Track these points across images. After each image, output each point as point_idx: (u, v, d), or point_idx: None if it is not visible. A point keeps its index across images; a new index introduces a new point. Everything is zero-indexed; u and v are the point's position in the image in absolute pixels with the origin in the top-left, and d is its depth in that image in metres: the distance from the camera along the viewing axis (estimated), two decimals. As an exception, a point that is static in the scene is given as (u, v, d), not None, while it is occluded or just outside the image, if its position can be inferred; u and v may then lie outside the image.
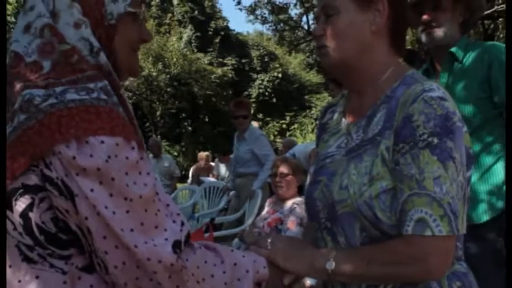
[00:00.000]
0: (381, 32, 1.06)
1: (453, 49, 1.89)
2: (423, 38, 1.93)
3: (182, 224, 0.87)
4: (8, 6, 11.06)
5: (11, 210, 0.80)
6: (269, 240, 1.08)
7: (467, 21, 1.96)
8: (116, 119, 0.81)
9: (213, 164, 8.62)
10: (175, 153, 15.88)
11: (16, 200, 0.80)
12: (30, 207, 0.80)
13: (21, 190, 0.79)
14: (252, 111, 5.13)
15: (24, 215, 0.80)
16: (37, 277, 0.81)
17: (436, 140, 0.93)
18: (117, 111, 0.83)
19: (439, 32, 1.88)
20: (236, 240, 3.39)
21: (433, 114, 0.94)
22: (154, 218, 0.82)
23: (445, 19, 1.87)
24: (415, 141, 0.94)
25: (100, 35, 0.90)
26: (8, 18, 10.76)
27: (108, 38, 0.91)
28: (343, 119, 1.16)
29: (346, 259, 1.00)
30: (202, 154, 9.04)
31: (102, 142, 0.77)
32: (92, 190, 0.76)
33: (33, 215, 0.80)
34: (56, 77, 0.82)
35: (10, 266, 0.81)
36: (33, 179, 0.79)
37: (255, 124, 5.71)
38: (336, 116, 1.21)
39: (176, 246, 0.83)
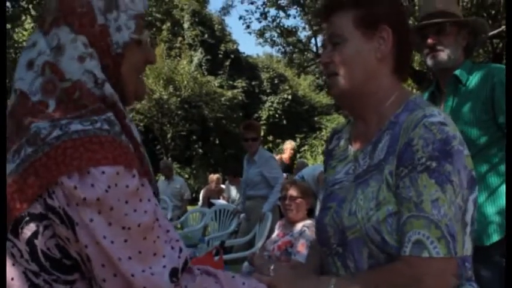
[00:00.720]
0: (386, 59, 1.10)
1: (457, 72, 1.91)
2: (428, 61, 1.95)
3: (181, 250, 0.87)
4: (24, 32, 11.32)
5: (18, 238, 0.82)
6: (272, 267, 1.11)
7: (471, 44, 1.98)
8: (118, 148, 0.83)
9: (223, 186, 8.62)
10: (186, 176, 15.90)
11: (22, 228, 0.82)
12: (35, 234, 0.82)
13: (27, 218, 0.81)
14: (262, 133, 5.17)
15: (30, 242, 0.82)
16: None
17: (434, 164, 0.95)
18: (119, 140, 0.84)
19: (443, 56, 1.90)
20: (246, 263, 3.37)
21: (432, 139, 0.97)
22: (153, 245, 0.83)
23: (448, 43, 1.91)
24: (413, 165, 0.97)
25: (107, 64, 0.91)
26: (24, 44, 10.99)
27: (115, 67, 0.93)
28: (350, 146, 1.19)
29: (346, 285, 1.01)
30: (213, 176, 9.06)
31: (103, 172, 0.79)
32: (91, 220, 0.78)
33: (38, 242, 0.82)
34: (60, 115, 0.84)
35: None
36: (37, 208, 0.81)
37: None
38: (342, 142, 1.24)
39: (173, 274, 0.83)
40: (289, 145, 7.68)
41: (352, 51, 1.08)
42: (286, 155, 7.33)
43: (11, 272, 0.83)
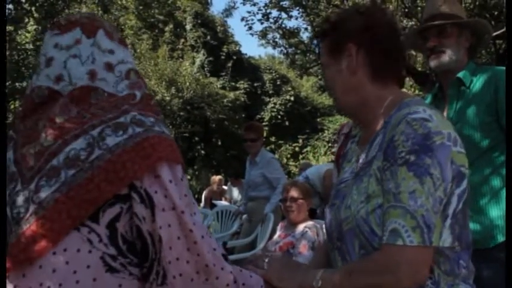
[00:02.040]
0: (359, 72, 1.18)
1: (460, 74, 1.90)
2: (430, 63, 1.95)
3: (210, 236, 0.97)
4: (27, 34, 11.35)
5: (98, 222, 0.85)
6: (266, 260, 1.17)
7: (474, 46, 1.98)
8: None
9: (225, 187, 8.62)
10: (189, 177, 15.92)
11: (104, 211, 0.85)
12: (117, 217, 0.86)
13: (112, 200, 0.86)
14: (265, 135, 5.17)
15: (111, 225, 0.86)
16: (120, 285, 0.87)
17: (413, 157, 1.00)
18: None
19: (444, 57, 1.90)
20: (247, 260, 3.37)
21: (412, 134, 1.01)
22: (207, 230, 0.94)
23: (450, 44, 1.90)
24: (394, 159, 1.02)
25: None
26: (27, 45, 11.02)
27: None
28: (357, 147, 1.27)
29: (331, 275, 1.07)
30: (215, 178, 9.07)
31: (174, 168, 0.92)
32: (179, 198, 0.88)
33: (119, 225, 0.87)
34: (142, 109, 0.95)
35: (94, 280, 0.85)
36: (124, 189, 0.86)
37: None
38: (353, 145, 1.32)
39: (225, 258, 0.96)
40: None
41: (330, 76, 1.23)
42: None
43: (87, 259, 0.85)
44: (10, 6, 7.02)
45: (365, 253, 1.07)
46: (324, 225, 3.08)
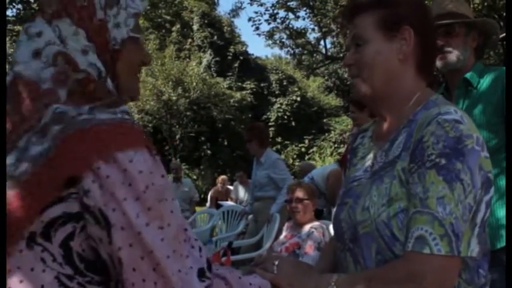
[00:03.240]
0: (408, 60, 1.09)
1: (468, 75, 1.89)
2: (437, 63, 1.94)
3: (200, 249, 0.86)
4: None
5: (50, 241, 0.78)
6: (275, 264, 1.09)
7: (481, 46, 1.96)
8: (145, 135, 0.82)
9: (231, 187, 8.63)
10: (195, 177, 15.95)
11: (56, 230, 0.78)
12: (71, 236, 0.79)
13: (63, 219, 0.78)
14: (271, 135, 5.15)
15: (64, 244, 0.79)
16: None
17: (443, 161, 0.94)
18: (142, 130, 0.83)
19: (451, 57, 1.89)
20: (254, 262, 3.38)
21: (443, 137, 0.95)
22: (179, 246, 0.82)
23: (457, 44, 1.89)
24: (423, 161, 0.96)
25: (105, 60, 0.90)
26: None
27: (112, 63, 0.92)
28: (371, 144, 1.20)
29: (348, 281, 1.01)
30: (220, 178, 9.09)
31: (141, 172, 0.77)
32: (130, 221, 0.76)
33: (73, 244, 0.79)
34: (74, 106, 0.82)
35: None
36: (74, 207, 0.78)
37: None
38: (365, 140, 1.25)
39: (201, 275, 0.82)
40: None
41: (373, 53, 1.09)
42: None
43: (41, 278, 0.78)
44: (19, 6, 7.07)
45: (382, 259, 1.01)
46: (330, 226, 3.08)
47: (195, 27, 19.81)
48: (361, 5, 1.12)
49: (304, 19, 15.41)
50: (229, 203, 7.48)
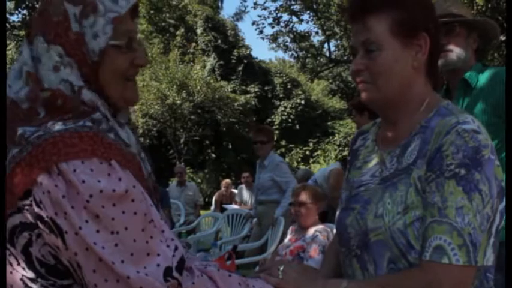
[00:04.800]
0: (421, 67, 1.07)
1: (467, 75, 1.90)
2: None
3: (176, 248, 0.87)
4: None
5: (14, 246, 0.84)
6: (281, 269, 1.08)
7: (482, 48, 1.97)
8: (98, 142, 0.83)
9: (235, 190, 8.62)
10: (199, 180, 15.96)
11: (17, 237, 0.83)
12: (29, 243, 0.83)
13: (20, 228, 0.83)
14: (275, 138, 5.17)
15: (25, 250, 0.84)
16: None
17: (463, 171, 0.94)
18: (101, 135, 0.85)
19: (452, 56, 1.89)
20: (258, 268, 3.37)
21: (463, 146, 0.95)
22: (146, 246, 0.83)
23: (457, 44, 1.89)
24: (441, 170, 0.96)
25: (86, 72, 0.91)
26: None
27: (93, 74, 0.92)
28: (376, 148, 1.17)
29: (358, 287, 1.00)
30: (224, 181, 9.10)
31: (84, 182, 0.80)
32: (80, 228, 0.79)
33: (33, 250, 0.83)
34: (48, 120, 0.86)
35: None
36: (28, 218, 0.82)
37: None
38: (367, 143, 1.22)
39: (167, 273, 0.83)
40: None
41: (389, 61, 1.03)
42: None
43: (9, 279, 0.85)
44: (24, 11, 7.12)
45: (394, 267, 1.00)
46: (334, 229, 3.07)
47: (199, 31, 19.86)
48: (373, 3, 1.05)
49: (307, 22, 15.47)
50: (234, 206, 7.47)
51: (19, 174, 0.81)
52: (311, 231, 3.05)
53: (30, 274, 0.84)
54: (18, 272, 0.85)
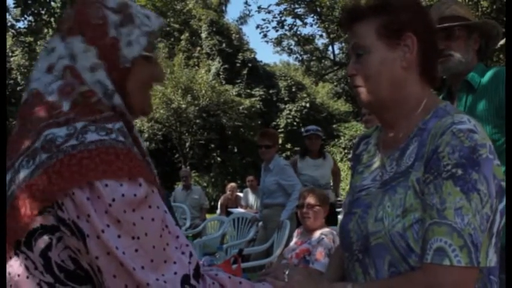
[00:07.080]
0: (411, 66, 1.07)
1: (469, 76, 1.88)
2: (438, 67, 1.93)
3: (191, 255, 0.88)
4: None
5: (32, 250, 0.83)
6: (286, 272, 1.08)
7: (484, 48, 1.95)
8: (133, 159, 0.85)
9: (240, 194, 8.63)
10: (205, 184, 15.97)
11: (36, 240, 0.83)
12: (48, 247, 0.83)
13: (40, 231, 0.82)
14: (281, 141, 5.16)
15: (43, 254, 0.83)
16: None
17: (460, 171, 0.93)
18: (133, 152, 0.87)
19: (453, 60, 1.87)
20: (263, 271, 3.37)
21: (459, 146, 0.94)
22: (163, 253, 0.84)
23: (458, 47, 1.87)
24: (439, 171, 0.95)
25: (115, 77, 0.93)
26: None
27: (122, 80, 0.95)
28: (377, 152, 1.18)
29: None
30: (229, 185, 9.11)
31: (107, 186, 0.80)
32: (102, 231, 0.79)
33: (52, 254, 0.83)
34: (75, 116, 0.86)
35: None
36: (50, 220, 0.82)
37: None
38: (370, 147, 1.23)
39: (184, 281, 0.84)
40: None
41: (377, 63, 1.06)
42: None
43: (25, 284, 0.84)
44: (30, 18, 7.18)
45: (395, 270, 1.00)
46: (340, 232, 3.06)
47: (203, 35, 19.93)
48: (360, 12, 1.09)
49: (311, 25, 15.45)
50: (239, 210, 7.47)
51: (45, 182, 0.81)
52: (317, 234, 3.05)
53: (48, 279, 0.83)
54: (36, 276, 0.84)
